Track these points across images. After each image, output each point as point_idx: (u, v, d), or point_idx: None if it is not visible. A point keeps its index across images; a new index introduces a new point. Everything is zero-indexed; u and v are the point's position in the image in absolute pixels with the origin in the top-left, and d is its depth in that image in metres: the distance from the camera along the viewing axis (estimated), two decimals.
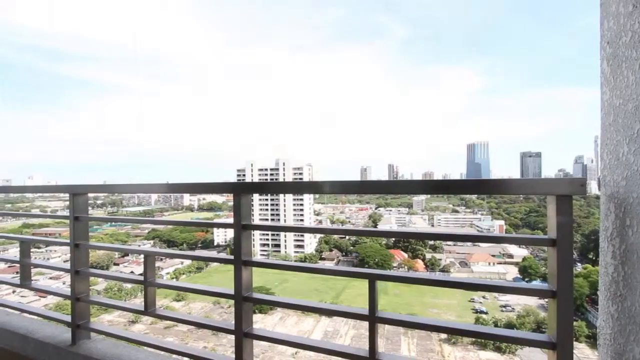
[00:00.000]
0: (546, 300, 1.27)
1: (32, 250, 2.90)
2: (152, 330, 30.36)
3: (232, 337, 1.70)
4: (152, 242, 55.38)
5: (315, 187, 1.72)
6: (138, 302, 2.31)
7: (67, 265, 2.45)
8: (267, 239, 60.71)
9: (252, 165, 68.12)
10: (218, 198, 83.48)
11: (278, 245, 60.23)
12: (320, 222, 70.20)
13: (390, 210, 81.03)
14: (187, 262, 46.51)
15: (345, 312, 1.45)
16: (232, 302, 1.68)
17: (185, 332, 30.42)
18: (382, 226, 61.28)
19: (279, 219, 63.65)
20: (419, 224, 69.91)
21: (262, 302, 1.67)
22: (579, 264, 43.12)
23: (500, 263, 49.74)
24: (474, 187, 1.58)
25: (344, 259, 55.14)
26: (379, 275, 1.42)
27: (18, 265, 2.82)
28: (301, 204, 64.91)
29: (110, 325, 2.49)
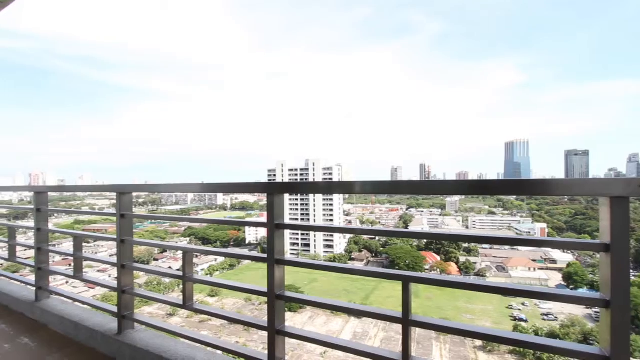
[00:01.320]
0: (596, 310, 1.18)
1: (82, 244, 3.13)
2: (187, 324, 31.73)
3: (263, 333, 1.74)
4: (188, 239, 57.97)
5: (346, 187, 1.72)
6: (175, 296, 2.43)
7: (114, 260, 2.63)
8: (297, 239, 61.40)
9: (282, 165, 69.20)
10: (250, 198, 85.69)
11: (308, 245, 60.71)
12: (350, 222, 69.89)
13: (422, 211, 78.93)
14: (221, 259, 48.15)
15: (379, 314, 1.43)
16: (263, 299, 1.72)
17: (218, 327, 31.49)
18: (413, 227, 59.88)
19: (308, 219, 64.15)
20: (452, 225, 67.46)
21: (295, 300, 1.69)
22: (633, 272, 39.56)
23: (542, 269, 46.70)
24: (514, 187, 1.50)
25: (374, 260, 54.47)
26: (413, 278, 1.39)
27: (71, 258, 3.07)
28: (331, 204, 64.98)
29: (150, 317, 2.64)
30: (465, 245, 51.90)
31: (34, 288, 3.32)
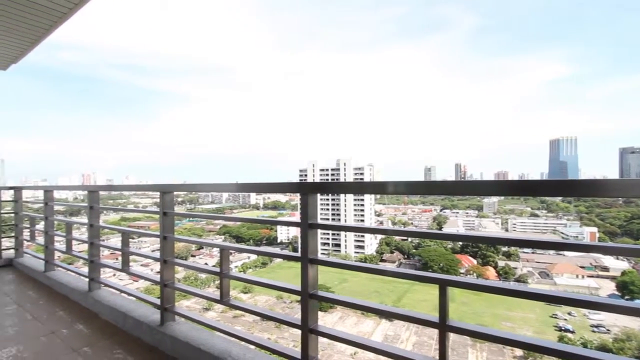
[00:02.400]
0: None
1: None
2: (222, 318, 32.89)
3: (294, 331, 1.77)
4: (223, 237, 60.07)
5: (380, 188, 1.70)
6: (211, 291, 2.53)
7: (157, 255, 2.79)
8: (328, 238, 61.53)
9: (313, 165, 69.67)
10: (281, 197, 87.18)
11: (338, 245, 60.64)
12: (381, 223, 68.87)
13: (457, 213, 75.95)
14: (253, 257, 49.41)
15: (414, 317, 1.40)
16: (294, 297, 1.75)
17: (251, 323, 32.34)
18: (447, 229, 57.81)
19: (339, 219, 64.07)
20: (490, 228, 64.26)
21: (328, 300, 1.70)
22: None
23: (592, 276, 43.11)
24: (561, 188, 1.40)
25: (406, 262, 53.28)
26: (450, 281, 1.34)
27: (117, 252, 3.31)
28: (362, 204, 64.44)
29: (188, 310, 2.78)
30: (505, 248, 49.22)
31: (87, 279, 3.61)
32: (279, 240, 63.84)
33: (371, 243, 59.15)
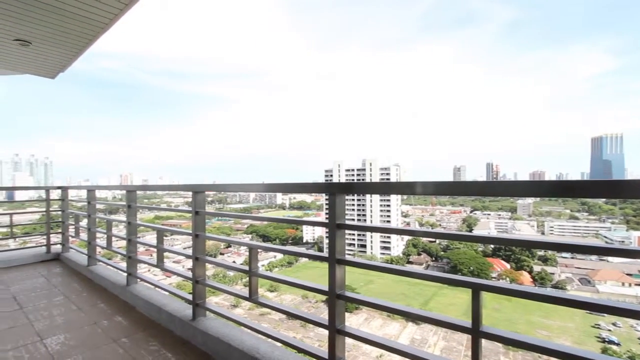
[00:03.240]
0: None
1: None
2: (249, 315, 33.62)
3: (319, 330, 1.78)
4: (250, 236, 61.39)
5: (408, 188, 1.66)
6: (238, 288, 2.60)
7: (189, 252, 2.90)
8: (353, 239, 61.20)
9: (339, 165, 69.56)
10: (307, 197, 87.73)
11: (364, 246, 60.15)
12: (408, 224, 67.50)
13: (489, 214, 72.91)
14: (280, 256, 50.09)
15: (445, 321, 1.36)
16: (319, 297, 1.76)
17: (277, 321, 32.79)
18: (478, 231, 55.68)
19: (364, 220, 63.54)
20: (524, 230, 61.13)
21: (355, 301, 1.69)
22: None
23: None
24: (606, 189, 1.30)
25: (434, 265, 51.88)
26: (484, 286, 1.29)
27: (152, 249, 3.47)
28: (388, 205, 63.53)
29: (217, 306, 2.88)
30: (541, 252, 46.65)
31: (125, 274, 3.82)
32: (304, 240, 64.30)
33: (397, 244, 58.17)
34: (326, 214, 1.80)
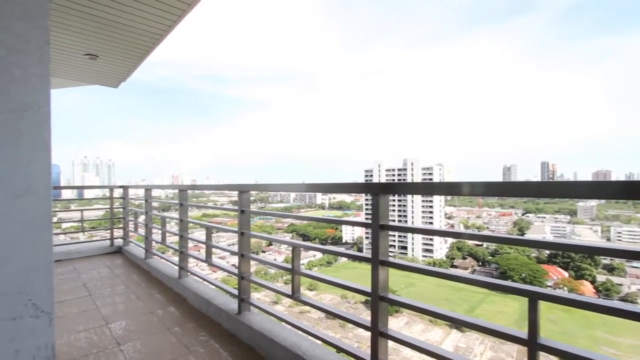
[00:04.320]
0: None
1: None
2: (289, 313, 34.24)
3: (358, 332, 1.77)
4: (291, 234, 62.62)
5: (454, 188, 1.59)
6: (279, 285, 2.66)
7: (234, 249, 3.03)
8: (394, 240, 59.87)
9: (379, 166, 68.49)
10: (346, 197, 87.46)
11: (405, 248, 58.60)
12: (452, 226, 64.54)
13: (544, 217, 67.31)
14: (319, 255, 50.49)
15: (498, 331, 1.28)
16: (358, 298, 1.74)
17: (315, 320, 33.09)
18: (531, 235, 51.63)
19: (405, 221, 61.89)
20: (586, 236, 55.57)
21: (399, 304, 1.66)
22: None
23: None
24: None
25: (481, 270, 49.03)
26: (542, 295, 1.20)
27: (199, 244, 3.68)
28: (430, 206, 61.30)
29: (260, 302, 2.99)
30: (606, 261, 42.15)
31: (177, 267, 4.09)
32: (344, 241, 64.18)
33: (441, 247, 55.89)
34: (366, 214, 1.79)
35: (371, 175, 69.10)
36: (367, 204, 67.74)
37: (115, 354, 2.58)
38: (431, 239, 55.73)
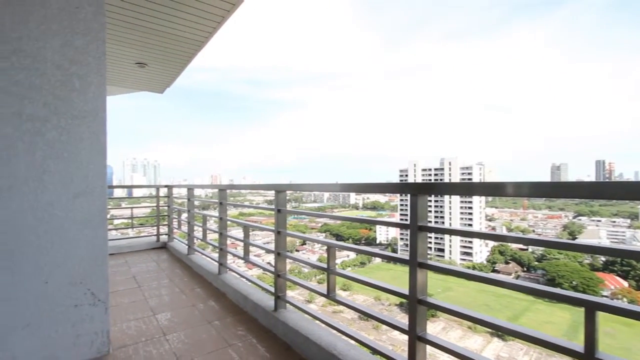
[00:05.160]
0: None
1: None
2: (322, 312, 34.32)
3: (392, 334, 1.74)
4: (324, 234, 62.90)
5: (498, 189, 1.51)
6: (313, 284, 2.68)
7: (270, 247, 3.10)
8: (430, 242, 58.03)
9: (414, 165, 66.70)
10: (381, 198, 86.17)
11: (442, 250, 56.56)
12: (493, 228, 61.21)
13: (599, 221, 61.68)
14: (352, 256, 50.23)
15: (549, 342, 1.19)
16: (393, 300, 1.70)
17: (349, 320, 32.91)
18: (584, 240, 47.62)
19: (443, 222, 59.72)
20: None
21: (439, 308, 1.60)
22: None
23: None
24: None
25: (525, 276, 46.01)
26: (601, 305, 1.10)
27: (237, 242, 3.80)
28: (469, 207, 58.62)
29: (295, 300, 3.03)
30: None
31: (217, 264, 4.27)
32: (377, 241, 63.31)
33: (481, 250, 53.24)
34: (401, 215, 1.75)
35: (406, 175, 67.46)
36: (402, 205, 66.28)
37: (162, 342, 2.74)
38: (470, 242, 53.30)
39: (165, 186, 6.80)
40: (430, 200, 61.35)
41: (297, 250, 54.05)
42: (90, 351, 2.32)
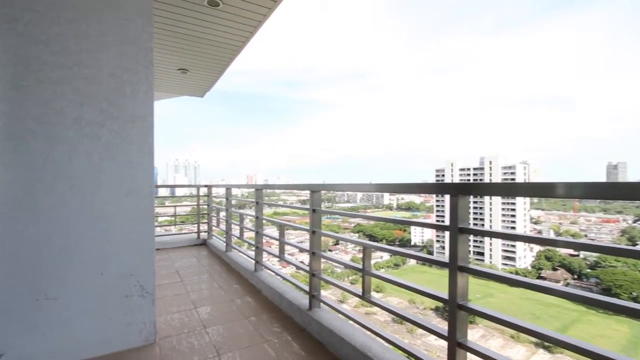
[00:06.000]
0: None
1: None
2: (355, 313, 34.11)
3: (427, 339, 1.68)
4: (357, 234, 62.44)
5: (547, 190, 1.41)
6: (347, 285, 2.66)
7: (306, 247, 3.13)
8: (469, 245, 55.47)
9: (452, 165, 64.17)
10: (415, 198, 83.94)
11: (481, 254, 53.91)
12: (540, 232, 57.24)
13: None
14: (386, 257, 49.40)
15: (610, 358, 1.08)
16: (427, 304, 1.65)
17: (381, 322, 32.40)
18: None
19: (482, 224, 56.91)
20: None
21: (481, 314, 1.53)
22: None
23: None
24: None
25: (576, 284, 42.52)
26: None
27: (271, 240, 3.88)
28: (512, 209, 55.32)
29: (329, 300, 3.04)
30: None
31: (253, 261, 4.39)
32: (412, 243, 61.73)
33: (525, 255, 50.03)
34: (437, 216, 1.69)
35: (442, 175, 65.09)
36: (438, 206, 64.06)
37: (202, 335, 2.87)
38: (513, 246, 50.29)
39: (205, 186, 7.11)
40: (468, 201, 58.65)
41: (329, 250, 54.20)
42: (139, 339, 2.49)
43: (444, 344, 1.70)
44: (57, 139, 2.18)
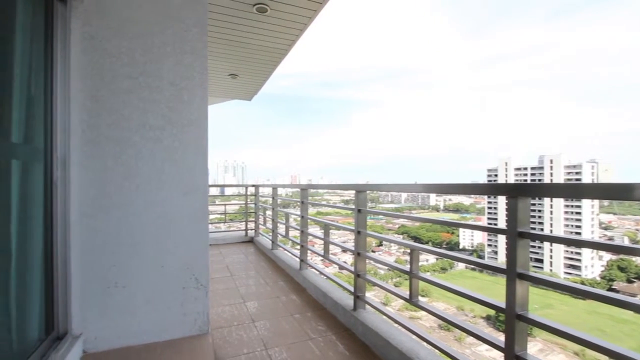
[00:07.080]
0: None
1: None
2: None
3: (478, 349, 1.57)
4: (402, 236, 60.83)
5: (625, 192, 1.25)
6: (394, 287, 2.60)
7: (351, 247, 3.12)
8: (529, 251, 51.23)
9: (506, 164, 59.81)
10: (464, 200, 79.58)
11: (540, 260, 49.53)
12: (611, 238, 51.10)
13: None
14: (432, 260, 47.50)
15: None
16: (477, 312, 1.54)
17: (427, 328, 31.16)
18: None
19: (542, 229, 52.28)
20: None
21: (544, 327, 1.41)
22: None
23: None
24: None
25: None
26: None
27: (315, 239, 3.92)
28: (578, 212, 50.09)
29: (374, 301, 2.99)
30: None
31: (298, 260, 4.48)
32: (460, 246, 58.63)
33: (591, 264, 45.03)
34: (489, 218, 1.58)
35: (495, 175, 60.94)
36: (490, 207, 60.12)
37: (250, 328, 3.00)
38: (578, 253, 45.51)
39: (252, 185, 7.41)
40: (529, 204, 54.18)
41: (372, 251, 53.46)
42: (193, 328, 2.66)
43: (496, 354, 1.60)
44: (125, 143, 2.41)
